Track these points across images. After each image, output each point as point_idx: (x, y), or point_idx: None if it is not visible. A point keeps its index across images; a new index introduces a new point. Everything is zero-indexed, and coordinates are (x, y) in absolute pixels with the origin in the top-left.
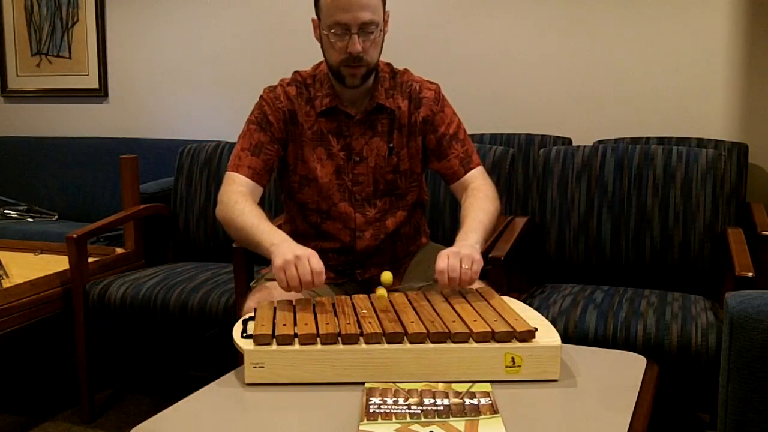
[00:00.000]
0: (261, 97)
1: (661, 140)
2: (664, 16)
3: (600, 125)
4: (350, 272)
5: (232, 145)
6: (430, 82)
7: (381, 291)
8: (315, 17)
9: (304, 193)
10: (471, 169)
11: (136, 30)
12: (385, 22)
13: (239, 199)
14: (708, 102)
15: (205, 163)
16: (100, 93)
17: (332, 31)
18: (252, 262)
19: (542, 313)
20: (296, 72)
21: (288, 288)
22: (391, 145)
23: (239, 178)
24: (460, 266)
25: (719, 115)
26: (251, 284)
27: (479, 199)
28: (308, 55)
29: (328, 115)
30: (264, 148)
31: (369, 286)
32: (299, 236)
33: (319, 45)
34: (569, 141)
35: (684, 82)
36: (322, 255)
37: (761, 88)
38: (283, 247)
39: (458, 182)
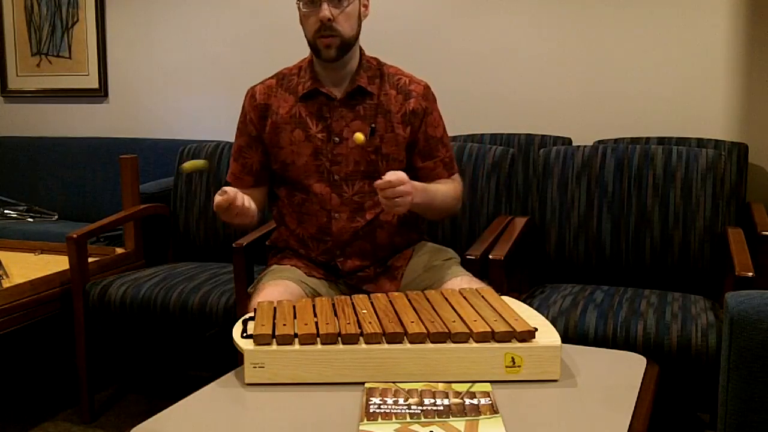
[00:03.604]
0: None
1: (661, 140)
2: (664, 16)
3: (600, 125)
4: (332, 263)
5: (231, 145)
6: (419, 79)
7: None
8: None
9: (285, 178)
10: (453, 173)
11: (136, 30)
12: (364, 6)
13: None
14: (708, 102)
15: None
16: (100, 93)
17: (303, 1)
18: (252, 262)
19: (542, 313)
20: (282, 69)
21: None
22: (373, 125)
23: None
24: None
25: (719, 115)
26: (254, 285)
27: (448, 186)
28: (307, 54)
29: (309, 99)
30: (242, 152)
31: (355, 284)
32: (286, 225)
33: None
34: (569, 141)
35: (684, 82)
36: (304, 245)
37: (761, 88)
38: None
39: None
